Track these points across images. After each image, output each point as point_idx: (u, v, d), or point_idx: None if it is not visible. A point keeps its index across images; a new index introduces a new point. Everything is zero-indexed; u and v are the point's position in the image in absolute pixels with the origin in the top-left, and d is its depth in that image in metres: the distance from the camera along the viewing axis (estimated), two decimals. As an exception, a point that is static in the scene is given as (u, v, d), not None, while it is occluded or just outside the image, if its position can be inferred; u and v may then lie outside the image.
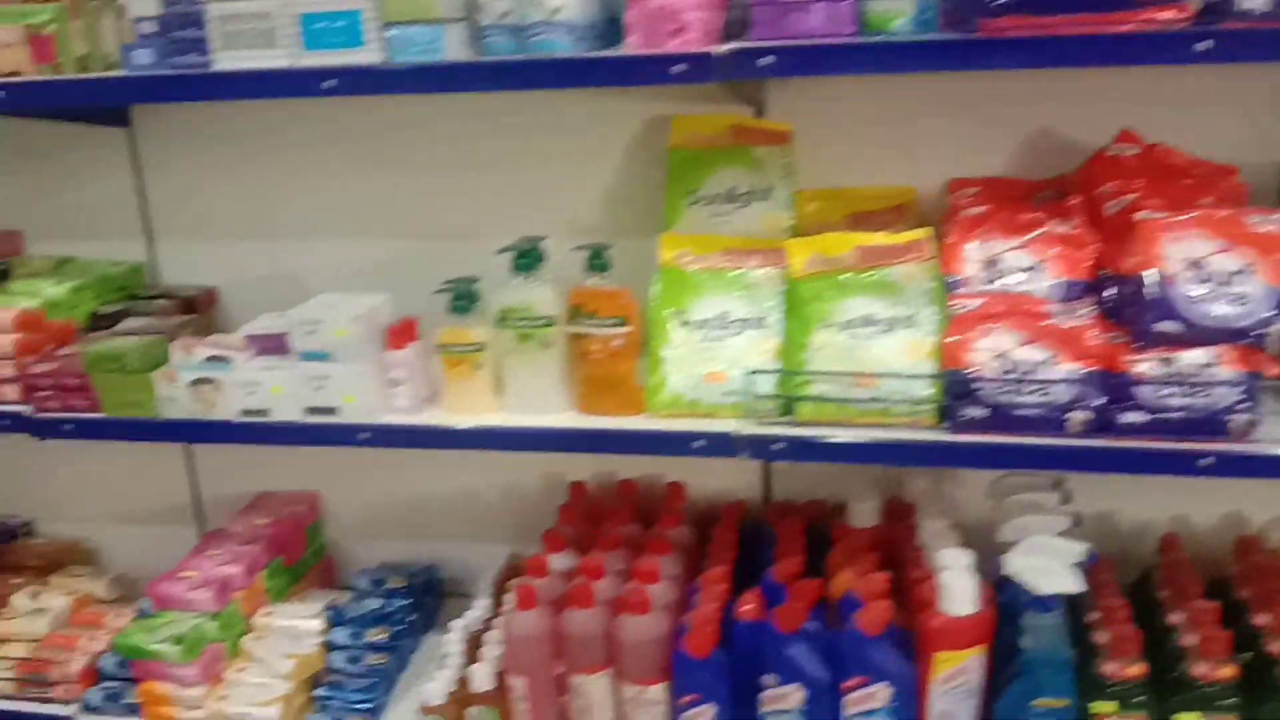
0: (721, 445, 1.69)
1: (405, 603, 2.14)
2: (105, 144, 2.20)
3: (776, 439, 1.67)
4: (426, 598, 2.25)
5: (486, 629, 1.98)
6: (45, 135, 2.20)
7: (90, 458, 2.40)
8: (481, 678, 1.86)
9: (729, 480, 2.16)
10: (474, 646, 1.95)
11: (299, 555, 2.25)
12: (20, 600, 2.23)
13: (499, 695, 1.87)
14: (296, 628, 2.07)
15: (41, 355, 1.97)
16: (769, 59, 1.51)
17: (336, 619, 2.08)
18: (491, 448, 1.79)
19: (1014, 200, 1.84)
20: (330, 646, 2.04)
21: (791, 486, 2.16)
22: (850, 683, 1.74)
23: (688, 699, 1.79)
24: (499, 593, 2.10)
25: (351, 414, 1.82)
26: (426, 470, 2.30)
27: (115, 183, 2.23)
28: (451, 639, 1.96)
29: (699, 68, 1.53)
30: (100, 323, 2.09)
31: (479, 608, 2.05)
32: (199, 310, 2.16)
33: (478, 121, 2.04)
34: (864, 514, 1.95)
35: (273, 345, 1.88)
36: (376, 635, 2.05)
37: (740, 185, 1.87)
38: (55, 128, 2.15)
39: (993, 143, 1.92)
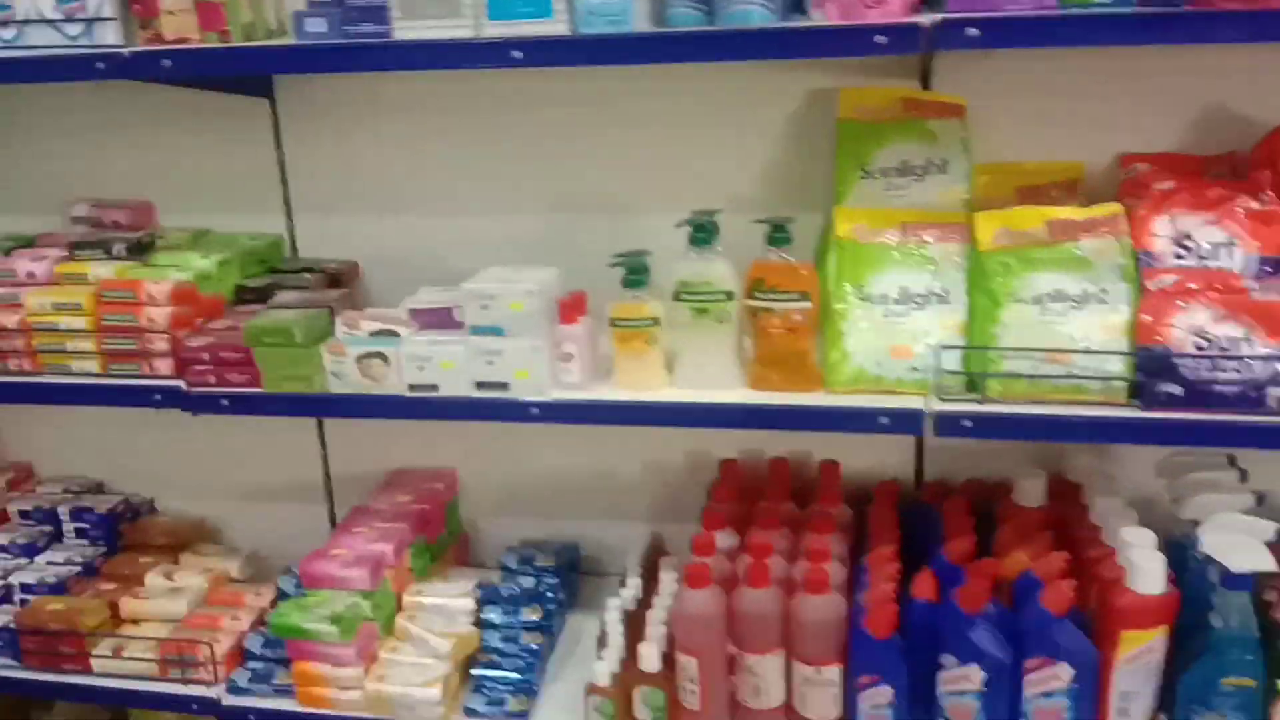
0: (907, 422, 1.65)
1: (554, 581, 2.10)
2: (247, 115, 2.15)
3: (966, 415, 1.63)
4: (569, 576, 2.22)
5: (643, 609, 1.95)
6: (181, 105, 2.15)
7: (213, 434, 2.37)
8: (648, 658, 1.83)
9: (878, 459, 2.12)
10: (631, 626, 1.93)
11: (438, 533, 2.21)
12: (155, 580, 2.20)
13: (666, 676, 1.83)
14: (447, 606, 2.03)
15: (194, 329, 1.94)
16: (974, 31, 1.47)
17: (489, 598, 2.05)
18: (664, 423, 1.75)
19: (1188, 175, 1.80)
20: (484, 626, 2.01)
21: (945, 465, 2.12)
22: (1032, 663, 1.71)
23: (866, 680, 1.75)
24: (649, 572, 2.07)
25: (522, 389, 1.78)
26: (563, 447, 2.26)
27: (255, 154, 2.18)
28: (610, 619, 1.93)
29: (904, 39, 1.49)
30: (247, 296, 2.06)
31: (631, 587, 2.02)
32: (344, 285, 2.13)
33: (630, 94, 1.99)
34: (1031, 492, 1.91)
35: (437, 319, 1.84)
36: (531, 614, 2.01)
37: (914, 158, 1.82)
38: (193, 98, 2.10)
39: (1160, 117, 1.87)
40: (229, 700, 2.00)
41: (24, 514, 2.39)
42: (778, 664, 1.79)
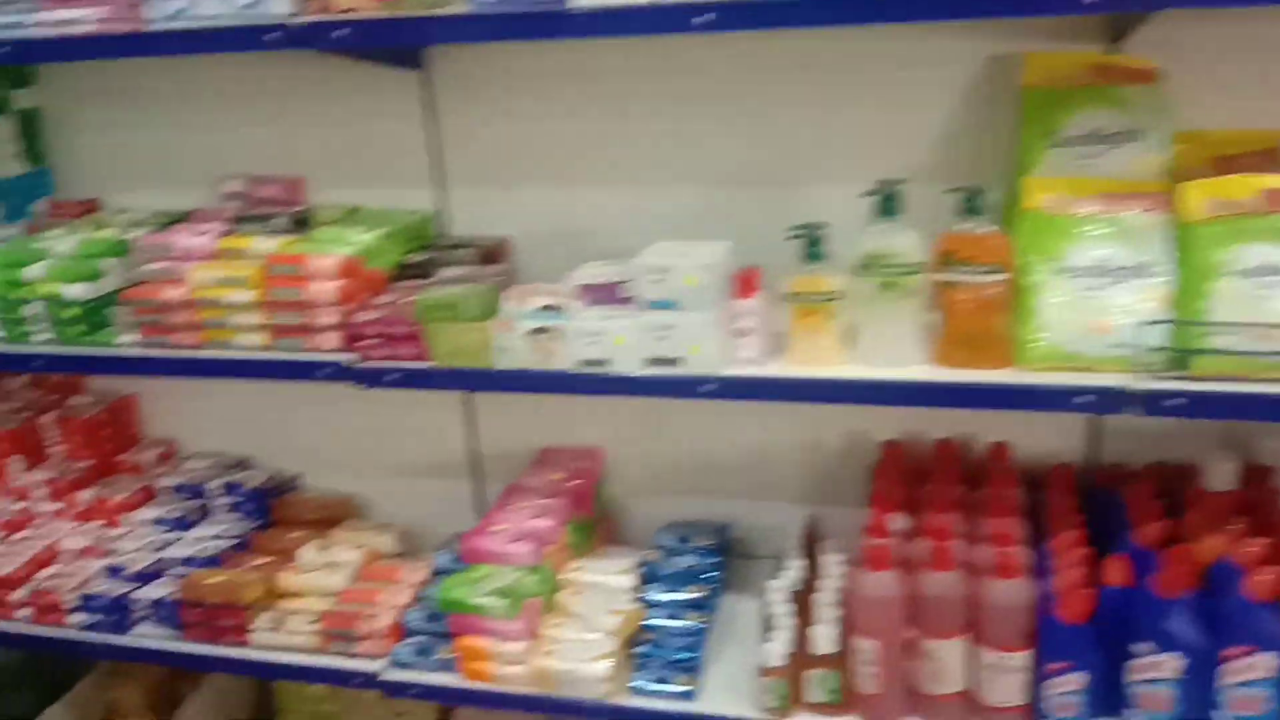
0: (1109, 401, 1.55)
1: (714, 560, 2.04)
2: (396, 88, 2.11)
3: (1174, 394, 1.53)
4: (724, 557, 2.16)
5: (807, 591, 1.88)
6: (330, 79, 2.12)
7: (358, 411, 2.35)
8: (823, 640, 1.76)
9: (1049, 441, 2.01)
10: (797, 608, 1.86)
11: (590, 511, 2.17)
12: (309, 554, 2.18)
13: (841, 658, 1.77)
14: (607, 584, 1.99)
15: (359, 304, 1.91)
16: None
17: (650, 575, 2.00)
18: (844, 401, 1.67)
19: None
20: (646, 604, 1.97)
21: (1122, 448, 2.01)
22: (1232, 651, 1.61)
23: (1056, 666, 1.66)
24: (809, 553, 2.00)
25: (696, 365, 1.72)
26: (712, 426, 2.19)
27: (404, 129, 2.13)
28: (775, 600, 1.86)
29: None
30: (408, 272, 2.02)
31: (793, 568, 1.95)
32: (497, 261, 2.08)
33: (799, 63, 1.91)
34: (1222, 476, 1.80)
35: (605, 294, 1.78)
36: (693, 593, 1.96)
37: (1108, 126, 1.71)
38: (344, 72, 2.07)
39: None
40: (391, 674, 1.98)
41: (174, 489, 2.39)
42: (960, 649, 1.71)
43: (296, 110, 2.21)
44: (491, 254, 2.08)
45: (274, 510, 2.37)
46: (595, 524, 2.20)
